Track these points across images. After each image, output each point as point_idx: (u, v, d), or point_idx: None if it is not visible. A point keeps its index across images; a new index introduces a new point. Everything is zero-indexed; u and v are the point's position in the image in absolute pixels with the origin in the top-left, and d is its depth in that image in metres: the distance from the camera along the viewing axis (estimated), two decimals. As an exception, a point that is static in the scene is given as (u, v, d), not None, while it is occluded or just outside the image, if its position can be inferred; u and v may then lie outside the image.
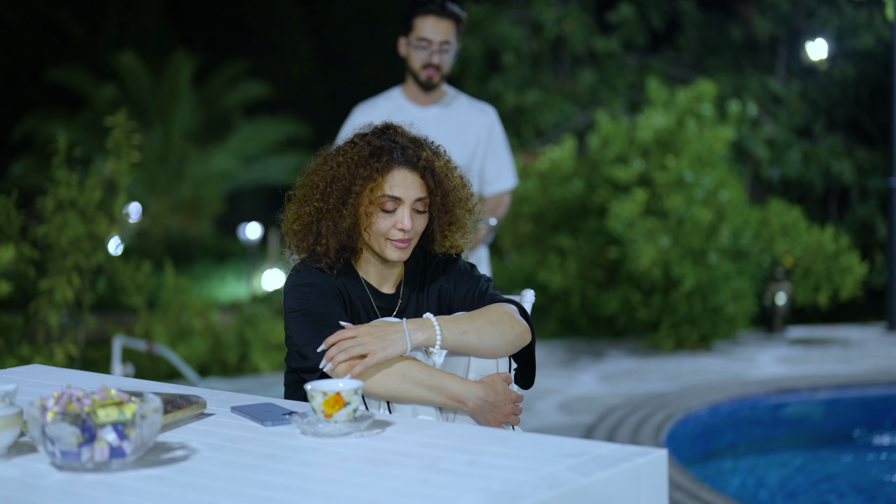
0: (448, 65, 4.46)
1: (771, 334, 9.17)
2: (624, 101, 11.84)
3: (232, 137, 18.78)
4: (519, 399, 2.57)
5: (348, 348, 2.39)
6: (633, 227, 8.32)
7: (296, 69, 23.00)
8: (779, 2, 12.11)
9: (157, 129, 18.12)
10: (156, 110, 18.25)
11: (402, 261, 2.67)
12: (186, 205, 17.85)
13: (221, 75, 19.21)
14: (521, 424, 2.66)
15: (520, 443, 2.11)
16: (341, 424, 2.16)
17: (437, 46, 4.39)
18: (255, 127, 19.15)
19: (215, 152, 18.47)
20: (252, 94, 19.19)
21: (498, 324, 2.55)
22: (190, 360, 7.55)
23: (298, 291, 2.59)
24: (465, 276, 2.74)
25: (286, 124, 19.22)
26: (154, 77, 18.41)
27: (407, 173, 2.62)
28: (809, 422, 6.82)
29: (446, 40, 4.40)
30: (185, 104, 18.29)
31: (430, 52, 4.40)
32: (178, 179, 17.98)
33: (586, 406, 6.52)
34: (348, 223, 2.62)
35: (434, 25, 4.37)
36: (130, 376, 7.08)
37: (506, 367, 2.60)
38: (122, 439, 1.92)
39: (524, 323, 2.61)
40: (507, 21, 12.42)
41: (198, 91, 18.92)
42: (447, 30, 4.39)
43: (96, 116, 16.70)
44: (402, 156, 2.62)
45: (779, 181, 11.62)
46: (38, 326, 6.71)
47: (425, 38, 4.38)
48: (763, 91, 11.79)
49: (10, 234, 6.53)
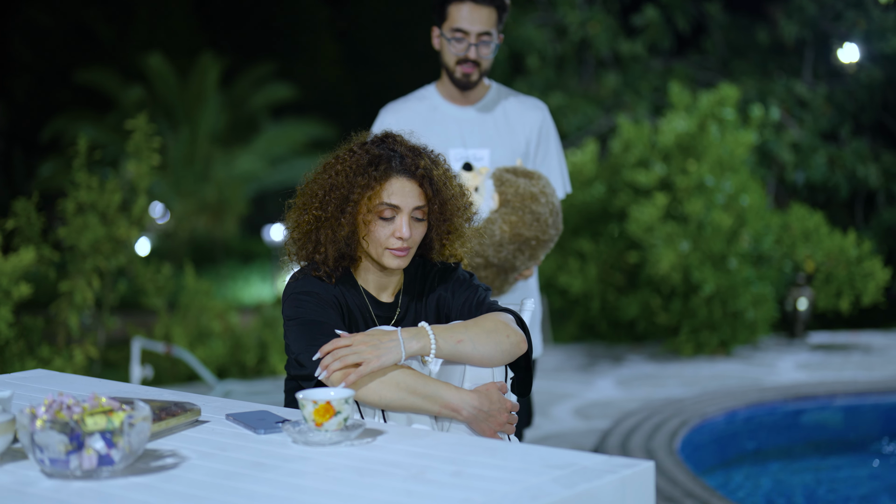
0: (489, 59, 3.77)
1: (792, 340, 9.12)
2: (648, 105, 11.81)
3: (258, 139, 18.86)
4: (514, 408, 2.58)
5: (343, 357, 2.41)
6: (652, 231, 8.30)
7: (323, 71, 23.07)
8: (806, 5, 12.04)
9: (184, 130, 18.22)
10: (183, 112, 18.36)
11: (400, 269, 2.69)
12: (212, 206, 17.94)
13: (248, 77, 19.31)
14: (536, 429, 2.70)
15: (508, 453, 2.12)
16: (332, 433, 2.17)
17: (475, 39, 3.70)
18: (282, 129, 19.23)
19: (241, 154, 18.56)
20: (278, 95, 19.27)
21: (493, 333, 2.56)
22: (209, 362, 7.60)
23: (296, 299, 2.60)
24: (464, 285, 2.75)
25: (313, 126, 19.28)
26: (181, 79, 18.52)
27: (405, 182, 2.63)
28: (827, 429, 6.78)
29: (486, 31, 3.70)
30: (212, 106, 18.39)
31: (466, 44, 3.72)
32: (203, 181, 18.08)
33: (602, 411, 6.51)
34: (347, 231, 2.63)
35: (471, 13, 3.69)
36: (149, 378, 7.14)
37: (502, 376, 2.60)
38: (110, 447, 1.93)
39: (520, 332, 2.61)
40: (532, 24, 12.42)
41: (224, 93, 19.02)
42: (487, 18, 3.70)
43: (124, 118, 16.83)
44: (401, 164, 2.63)
45: (804, 185, 11.56)
46: (58, 328, 6.78)
47: (461, 28, 3.70)
48: (789, 95, 11.72)
49: (31, 237, 6.60)
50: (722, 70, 12.84)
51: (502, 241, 3.40)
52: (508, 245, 3.41)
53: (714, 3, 12.86)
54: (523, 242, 3.42)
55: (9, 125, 20.95)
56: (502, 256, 3.43)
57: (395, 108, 3.90)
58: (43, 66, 20.56)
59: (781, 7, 12.57)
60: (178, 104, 18.43)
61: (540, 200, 3.43)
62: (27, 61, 20.68)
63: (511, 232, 3.40)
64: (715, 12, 12.85)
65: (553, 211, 3.48)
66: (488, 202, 3.46)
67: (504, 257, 3.43)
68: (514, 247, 3.42)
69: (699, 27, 13.24)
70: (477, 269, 3.48)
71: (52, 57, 20.47)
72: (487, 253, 3.42)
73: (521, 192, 3.43)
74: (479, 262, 3.46)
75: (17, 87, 20.81)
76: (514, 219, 3.40)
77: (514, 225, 3.40)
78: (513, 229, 3.40)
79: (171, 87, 18.45)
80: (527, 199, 3.42)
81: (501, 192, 3.44)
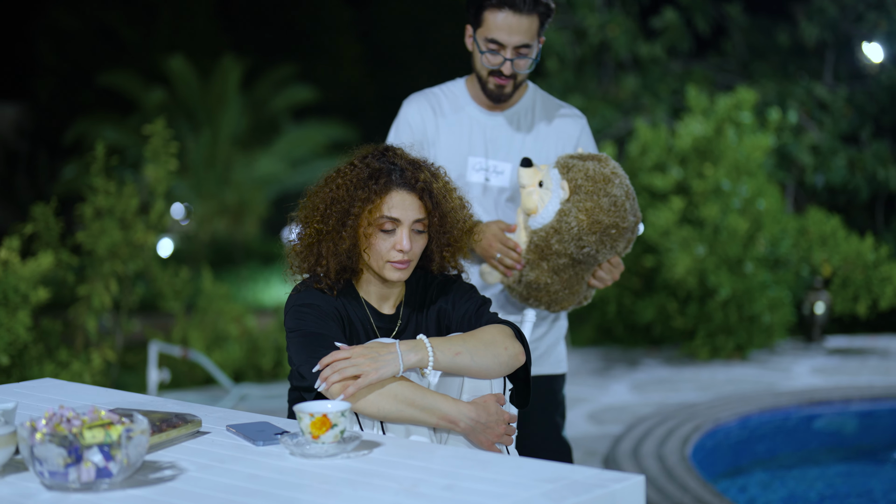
0: (526, 72, 3.32)
1: (809, 344, 9.10)
2: (666, 108, 11.80)
3: (279, 141, 18.94)
4: (512, 419, 2.60)
5: (342, 369, 2.44)
6: (668, 235, 8.31)
7: (345, 72, 23.14)
8: (826, 6, 12.00)
9: (206, 132, 18.33)
10: (204, 114, 18.46)
11: (402, 281, 2.72)
12: (233, 208, 18.04)
13: (269, 79, 19.39)
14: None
15: (501, 467, 2.14)
16: (328, 446, 2.21)
17: (512, 53, 3.23)
18: (303, 130, 19.31)
19: (262, 156, 18.65)
20: (299, 98, 19.35)
21: (491, 345, 2.59)
22: (225, 365, 7.66)
23: (297, 312, 2.64)
24: (464, 296, 2.78)
25: (334, 128, 19.35)
26: (203, 81, 18.62)
27: (405, 195, 2.66)
28: (842, 434, 6.77)
29: (525, 43, 3.22)
30: (234, 108, 18.48)
31: (501, 58, 3.25)
32: (225, 183, 18.18)
33: (616, 416, 6.53)
34: (348, 244, 2.66)
35: (509, 23, 3.19)
36: (166, 382, 7.21)
37: (500, 388, 2.63)
38: (108, 460, 1.98)
39: (519, 344, 2.64)
40: (550, 27, 12.42)
41: (246, 95, 19.11)
42: (528, 29, 3.21)
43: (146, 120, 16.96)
44: (401, 177, 2.66)
45: (823, 188, 11.52)
46: (76, 332, 6.85)
47: (496, 40, 3.23)
48: (808, 97, 11.69)
49: (49, 241, 6.68)
50: (742, 72, 12.81)
51: (580, 233, 3.05)
52: (588, 236, 3.05)
53: (734, 4, 12.83)
54: (603, 232, 3.05)
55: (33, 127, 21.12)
56: (585, 252, 3.09)
57: (417, 100, 3.49)
58: (67, 69, 20.71)
59: (802, 7, 12.53)
60: (199, 106, 18.53)
61: (614, 182, 3.06)
62: (51, 63, 20.84)
63: (589, 220, 3.03)
64: (735, 14, 12.82)
65: (629, 194, 3.10)
66: (557, 192, 3.08)
67: (587, 253, 3.09)
68: (594, 238, 3.06)
69: (719, 29, 13.20)
70: (562, 271, 3.14)
71: (76, 59, 20.61)
72: (570, 250, 3.08)
73: (592, 174, 3.06)
74: (564, 262, 3.12)
75: (41, 89, 20.97)
76: (590, 205, 3.04)
77: (590, 212, 3.03)
78: (590, 217, 3.03)
79: (192, 89, 18.56)
80: (599, 182, 3.05)
81: (570, 179, 3.06)
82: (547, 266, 3.12)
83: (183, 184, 17.84)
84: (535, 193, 3.11)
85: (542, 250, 3.10)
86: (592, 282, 3.22)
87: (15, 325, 5.59)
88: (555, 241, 3.07)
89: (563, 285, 3.16)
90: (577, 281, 3.18)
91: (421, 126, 3.43)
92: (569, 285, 3.17)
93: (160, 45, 20.04)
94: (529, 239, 3.14)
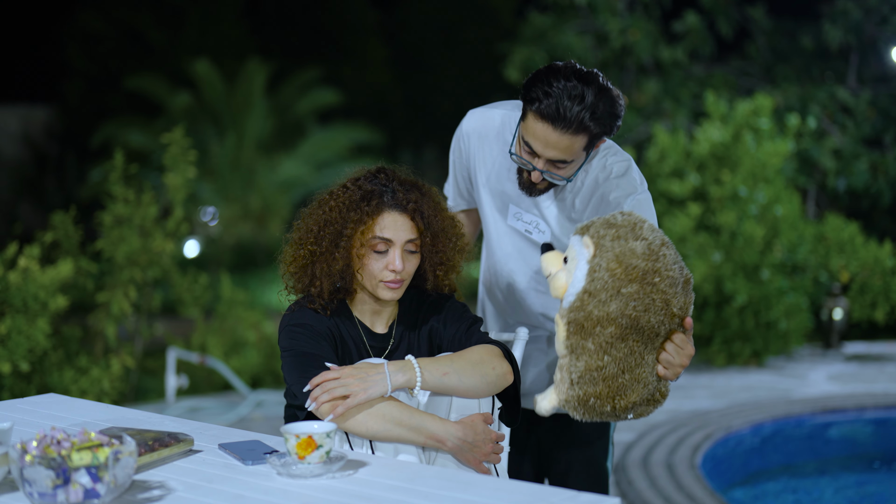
0: (562, 182, 2.91)
1: (827, 350, 9.09)
2: (687, 112, 11.80)
3: (304, 144, 19.04)
4: (500, 438, 2.65)
5: (331, 389, 2.50)
6: (684, 242, 8.33)
7: (372, 75, 23.21)
8: (850, 9, 11.96)
9: (231, 136, 18.45)
10: (229, 117, 18.58)
11: (395, 300, 2.78)
12: (257, 211, 18.16)
13: (295, 82, 19.48)
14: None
15: (480, 488, 2.19)
16: (314, 466, 2.27)
17: (544, 164, 2.84)
18: (328, 133, 19.40)
19: (287, 159, 18.75)
20: (325, 100, 19.43)
21: (479, 364, 2.64)
22: (243, 371, 7.74)
23: (291, 332, 2.70)
24: (455, 315, 2.83)
25: (359, 131, 19.44)
26: (228, 84, 18.74)
27: (397, 216, 2.71)
28: (855, 443, 6.75)
29: (562, 159, 2.81)
30: (259, 111, 18.59)
31: (531, 164, 2.85)
32: (250, 186, 18.30)
33: (629, 424, 6.55)
34: (341, 265, 2.72)
35: (546, 135, 2.76)
36: (184, 388, 7.29)
37: (488, 407, 2.68)
38: (95, 482, 2.04)
39: (507, 363, 2.69)
40: (572, 31, 12.45)
41: (271, 98, 19.22)
42: (568, 147, 2.78)
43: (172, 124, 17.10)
44: (392, 199, 2.72)
45: (845, 192, 11.49)
46: (96, 338, 6.96)
47: (530, 146, 2.82)
48: (831, 100, 11.65)
49: (69, 249, 6.78)
50: (765, 76, 12.78)
51: (617, 284, 2.49)
52: (628, 286, 2.49)
53: (758, 7, 12.80)
54: (643, 279, 2.49)
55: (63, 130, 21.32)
56: (632, 309, 2.49)
57: (477, 120, 3.15)
58: (95, 72, 20.89)
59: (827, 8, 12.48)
60: (224, 110, 18.66)
61: (643, 226, 2.57)
62: (80, 66, 21.02)
63: (622, 266, 2.50)
64: (759, 17, 12.79)
65: (666, 243, 2.58)
66: (582, 254, 2.55)
67: (636, 313, 2.50)
68: (635, 288, 2.49)
69: (742, 32, 13.17)
70: (614, 347, 2.52)
71: (105, 62, 20.79)
72: (611, 310, 2.50)
73: (615, 221, 2.57)
74: (612, 331, 2.51)
75: (70, 92, 21.17)
76: (619, 250, 2.51)
77: (621, 257, 2.50)
78: (622, 262, 2.50)
79: (218, 92, 18.68)
80: (625, 227, 2.55)
81: (592, 234, 2.56)
82: (594, 345, 2.52)
83: (208, 187, 17.97)
84: (563, 273, 2.60)
85: (583, 325, 2.51)
86: (660, 370, 2.58)
87: (34, 333, 5.69)
88: (592, 306, 2.50)
89: (621, 367, 2.53)
90: (637, 362, 2.55)
91: (466, 151, 3.17)
92: (628, 367, 2.54)
93: (187, 48, 20.18)
94: (567, 324, 2.55)
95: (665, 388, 2.64)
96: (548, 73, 2.77)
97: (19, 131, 20.79)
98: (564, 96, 2.73)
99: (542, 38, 12.42)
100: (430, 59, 23.58)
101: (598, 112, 2.75)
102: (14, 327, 5.59)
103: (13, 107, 21.20)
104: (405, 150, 21.47)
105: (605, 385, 2.53)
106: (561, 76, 2.75)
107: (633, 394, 2.56)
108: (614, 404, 2.55)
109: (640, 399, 2.58)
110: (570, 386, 2.55)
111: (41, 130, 21.44)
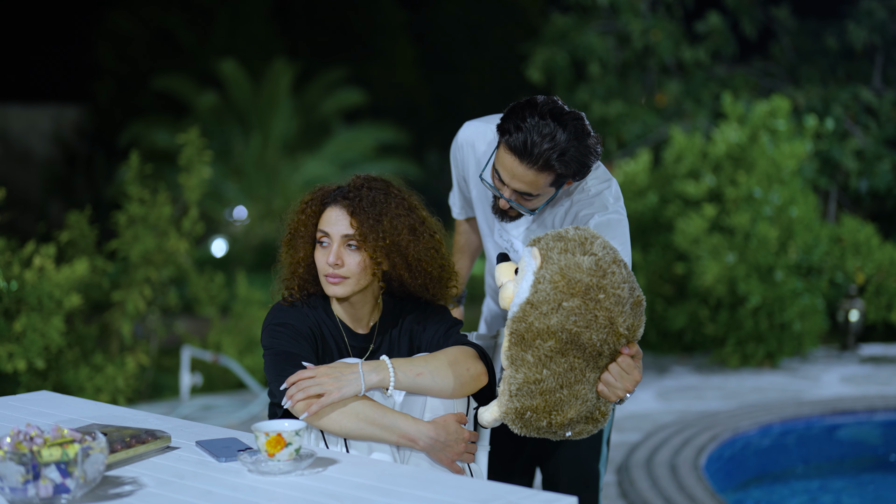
0: (527, 213, 2.97)
1: (843, 352, 9.06)
2: (707, 114, 11.78)
3: (329, 144, 19.14)
4: (473, 438, 2.70)
5: (306, 388, 2.56)
6: (698, 243, 8.33)
7: (399, 75, 23.29)
8: (875, 9, 11.91)
9: (256, 135, 18.57)
10: (255, 117, 18.71)
11: (339, 297, 2.79)
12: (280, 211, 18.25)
13: (321, 82, 19.58)
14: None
15: (444, 486, 2.25)
16: (283, 463, 2.33)
17: (510, 193, 2.89)
18: (353, 133, 19.48)
19: (311, 159, 18.85)
20: (350, 100, 19.52)
21: (454, 365, 2.69)
22: (256, 370, 7.82)
23: (272, 330, 2.77)
24: (434, 317, 2.88)
25: (385, 131, 19.51)
26: (255, 84, 18.87)
27: (338, 211, 2.76)
28: (864, 445, 6.74)
29: (527, 192, 2.87)
30: (285, 111, 18.70)
31: (498, 191, 2.92)
32: (274, 186, 18.41)
33: (636, 424, 6.58)
34: (305, 262, 2.82)
35: (513, 167, 2.82)
36: (199, 386, 7.38)
37: (462, 407, 2.73)
38: (65, 477, 2.11)
39: (481, 364, 2.74)
40: (594, 32, 12.46)
41: (297, 98, 19.32)
42: (532, 182, 2.83)
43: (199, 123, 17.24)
44: (337, 194, 2.78)
45: (867, 193, 11.43)
46: (111, 336, 7.06)
47: (500, 174, 2.89)
48: (854, 101, 11.60)
49: (84, 248, 6.89)
50: (788, 76, 12.74)
51: (559, 297, 2.46)
52: (569, 300, 2.46)
53: (782, 7, 12.76)
54: (586, 295, 2.45)
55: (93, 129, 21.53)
56: (572, 323, 2.46)
57: (472, 133, 3.21)
58: (125, 71, 21.08)
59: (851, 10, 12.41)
60: (250, 109, 18.79)
61: (594, 242, 2.54)
62: (111, 66, 21.22)
63: (564, 280, 2.47)
64: (783, 17, 12.75)
65: (618, 261, 2.53)
66: (530, 265, 2.53)
67: (576, 329, 2.46)
68: (577, 302, 2.46)
69: (766, 32, 13.13)
70: (552, 361, 2.49)
71: (135, 62, 20.98)
72: (552, 322, 2.48)
73: (565, 234, 2.56)
74: (552, 345, 2.48)
75: (100, 91, 21.37)
76: (565, 263, 2.49)
77: (565, 270, 2.48)
78: (565, 276, 2.47)
79: (244, 92, 18.81)
80: (574, 241, 2.53)
81: (541, 247, 2.54)
82: (533, 357, 2.49)
83: (233, 187, 18.10)
84: (511, 283, 2.59)
85: (523, 336, 2.49)
86: (600, 388, 2.55)
87: (49, 330, 5.78)
88: (533, 318, 2.48)
89: (559, 381, 2.49)
90: (577, 378, 2.51)
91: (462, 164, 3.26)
92: (567, 383, 2.50)
93: (216, 48, 20.33)
94: (509, 334, 2.54)
95: (605, 408, 2.59)
96: (525, 106, 2.80)
97: (51, 130, 21.01)
98: (535, 132, 2.76)
99: (563, 38, 12.44)
100: (457, 60, 23.62)
101: (566, 155, 2.79)
102: (29, 325, 5.69)
103: (45, 106, 21.42)
104: (432, 150, 21.53)
105: (543, 399, 2.50)
106: (536, 112, 2.77)
107: (570, 410, 2.52)
108: (550, 419, 2.51)
109: (578, 416, 2.54)
110: (510, 398, 2.52)
111: (72, 130, 21.64)
